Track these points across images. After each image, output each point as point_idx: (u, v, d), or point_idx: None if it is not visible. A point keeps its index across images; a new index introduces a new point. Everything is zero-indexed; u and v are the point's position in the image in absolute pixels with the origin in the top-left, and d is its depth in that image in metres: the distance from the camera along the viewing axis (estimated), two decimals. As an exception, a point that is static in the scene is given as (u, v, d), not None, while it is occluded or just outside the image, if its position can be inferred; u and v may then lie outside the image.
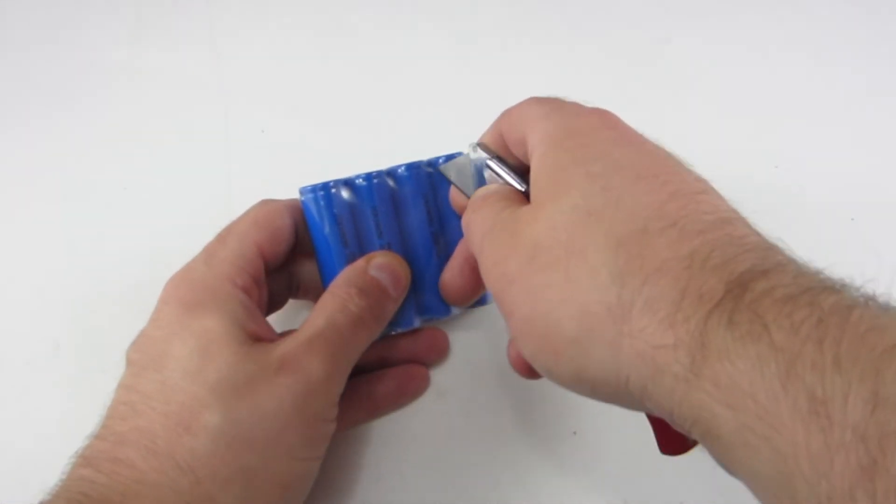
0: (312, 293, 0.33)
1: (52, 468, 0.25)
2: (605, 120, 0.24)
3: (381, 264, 0.29)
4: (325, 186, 0.30)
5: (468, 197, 0.28)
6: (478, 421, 0.34)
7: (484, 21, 0.46)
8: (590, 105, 0.26)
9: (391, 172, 0.31)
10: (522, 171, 0.27)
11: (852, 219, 0.39)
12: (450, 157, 0.31)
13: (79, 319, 0.37)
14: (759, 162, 0.40)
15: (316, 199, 0.30)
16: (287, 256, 0.31)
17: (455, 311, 0.33)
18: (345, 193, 0.30)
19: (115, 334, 0.35)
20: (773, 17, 0.45)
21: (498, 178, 0.27)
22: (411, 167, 0.31)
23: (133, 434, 0.24)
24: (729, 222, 0.20)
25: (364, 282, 0.29)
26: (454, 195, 0.30)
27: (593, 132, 0.23)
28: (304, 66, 0.44)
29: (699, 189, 0.21)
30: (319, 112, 0.43)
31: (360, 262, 0.29)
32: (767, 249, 0.19)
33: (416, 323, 0.32)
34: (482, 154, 0.28)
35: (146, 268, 0.37)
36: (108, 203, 0.40)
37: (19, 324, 0.37)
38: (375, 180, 0.30)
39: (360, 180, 0.30)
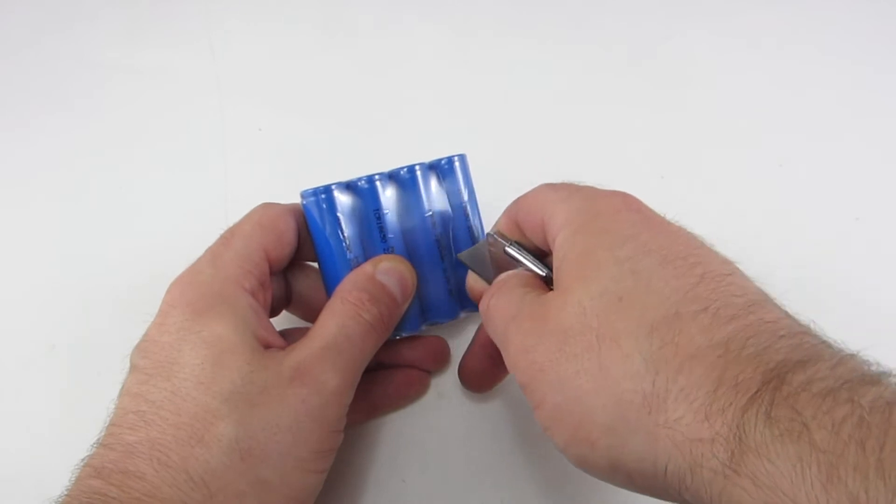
0: (302, 308, 0.32)
1: (47, 468, 0.24)
2: (627, 202, 0.24)
3: (388, 269, 0.29)
4: (327, 189, 0.29)
5: (488, 283, 0.28)
6: (479, 422, 0.34)
7: (484, 19, 0.45)
8: (608, 188, 0.25)
9: (393, 175, 0.31)
10: (541, 257, 0.27)
11: (857, 218, 0.38)
12: (450, 160, 0.31)
13: (73, 320, 0.36)
14: (763, 161, 0.40)
15: (318, 203, 0.29)
16: (289, 261, 0.30)
17: (461, 314, 0.32)
18: (347, 196, 0.30)
19: (110, 335, 0.35)
20: (775, 15, 0.45)
21: (517, 265, 0.27)
22: (413, 169, 0.31)
23: (143, 445, 0.23)
24: (760, 305, 0.20)
25: (374, 287, 0.28)
26: (471, 282, 0.30)
27: (616, 214, 0.23)
28: (302, 64, 0.44)
29: (727, 271, 0.21)
30: (317, 110, 0.42)
31: (366, 266, 0.29)
32: (802, 335, 0.19)
33: (422, 327, 0.32)
34: (499, 241, 0.28)
35: (142, 268, 0.37)
36: (104, 203, 0.40)
37: (14, 324, 0.37)
38: (378, 183, 0.30)
39: (363, 182, 0.30)
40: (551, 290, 0.24)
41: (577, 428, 0.21)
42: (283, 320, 0.34)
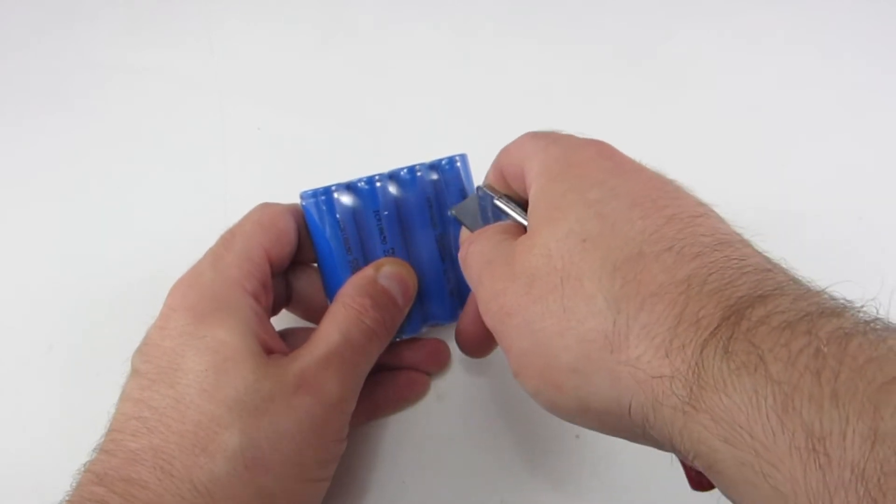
0: (302, 307, 0.32)
1: (46, 469, 0.24)
2: (601, 150, 0.24)
3: (390, 273, 0.29)
4: (327, 190, 0.29)
5: None
6: (479, 424, 0.33)
7: (483, 18, 0.45)
8: (587, 136, 0.25)
9: (393, 175, 0.30)
10: (526, 208, 0.26)
11: (860, 217, 0.38)
12: (451, 160, 0.31)
13: (72, 320, 0.36)
14: (766, 160, 0.40)
15: (317, 204, 0.29)
16: (290, 261, 0.30)
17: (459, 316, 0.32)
18: (347, 197, 0.29)
19: (109, 336, 0.35)
20: (777, 14, 0.45)
21: (505, 217, 0.27)
22: (413, 170, 0.30)
23: (147, 453, 0.23)
24: (728, 244, 0.20)
25: (376, 292, 0.28)
26: (462, 237, 0.30)
27: (589, 162, 0.23)
28: (302, 63, 0.44)
29: (698, 213, 0.21)
30: (317, 109, 0.42)
31: (368, 270, 0.29)
32: (766, 271, 0.19)
33: (422, 329, 0.32)
34: (488, 194, 0.27)
35: (141, 268, 0.37)
36: (103, 203, 0.40)
37: (12, 324, 0.37)
38: (378, 183, 0.30)
39: (363, 183, 0.30)
40: None
41: (544, 371, 0.21)
42: (284, 320, 0.34)
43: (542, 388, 0.21)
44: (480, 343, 0.30)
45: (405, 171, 0.30)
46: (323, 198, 0.29)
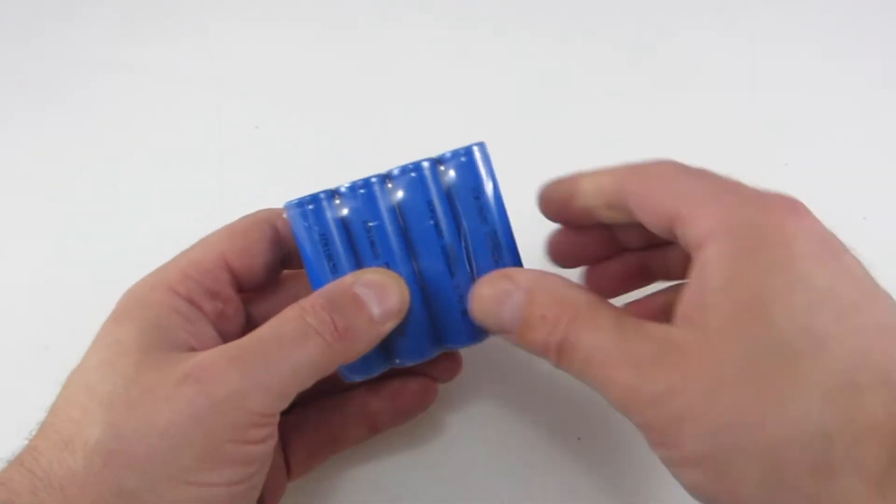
0: None
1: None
2: (802, 222, 0.21)
3: (368, 281, 0.25)
4: (315, 199, 0.26)
5: None
6: (480, 426, 0.33)
7: (485, 14, 0.45)
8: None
9: (392, 176, 0.26)
10: (648, 245, 0.23)
11: (864, 217, 0.38)
12: (468, 151, 0.26)
13: (68, 320, 0.36)
14: (769, 159, 0.40)
15: (303, 214, 0.26)
16: (267, 272, 0.28)
17: (483, 338, 0.28)
18: (334, 206, 0.26)
19: (105, 336, 0.34)
20: (782, 11, 0.45)
21: None
22: (406, 170, 0.26)
23: (26, 454, 0.22)
24: None
25: (341, 296, 0.24)
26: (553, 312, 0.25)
27: (792, 243, 0.20)
28: (300, 61, 0.43)
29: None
30: (317, 108, 0.42)
31: (348, 277, 0.25)
32: None
33: (432, 354, 0.28)
34: None
35: (138, 268, 0.36)
36: (99, 202, 0.39)
37: (7, 325, 0.36)
38: (363, 190, 0.26)
39: (356, 188, 0.26)
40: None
41: (724, 481, 0.19)
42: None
43: (713, 491, 0.20)
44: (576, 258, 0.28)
45: (407, 169, 0.26)
46: (310, 207, 0.26)
